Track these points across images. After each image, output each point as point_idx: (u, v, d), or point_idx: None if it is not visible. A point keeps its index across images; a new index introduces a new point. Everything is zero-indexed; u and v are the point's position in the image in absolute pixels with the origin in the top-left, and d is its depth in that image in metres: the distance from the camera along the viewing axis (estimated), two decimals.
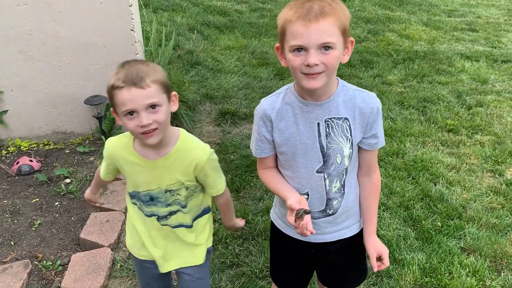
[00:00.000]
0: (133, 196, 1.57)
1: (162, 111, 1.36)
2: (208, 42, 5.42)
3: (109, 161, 1.58)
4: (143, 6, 5.14)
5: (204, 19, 6.07)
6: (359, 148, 1.48)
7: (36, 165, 3.17)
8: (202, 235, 1.66)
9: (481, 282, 2.36)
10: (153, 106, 1.34)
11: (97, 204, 1.93)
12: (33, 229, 2.64)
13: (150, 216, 1.57)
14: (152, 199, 1.53)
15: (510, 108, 4.29)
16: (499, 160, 3.44)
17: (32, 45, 3.23)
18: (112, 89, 1.33)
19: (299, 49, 1.27)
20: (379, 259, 1.54)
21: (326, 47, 1.25)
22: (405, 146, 3.58)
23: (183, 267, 1.65)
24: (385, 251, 1.54)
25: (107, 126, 3.42)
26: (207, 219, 1.68)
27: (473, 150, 3.57)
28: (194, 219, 1.62)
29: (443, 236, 2.67)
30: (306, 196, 1.47)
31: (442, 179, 3.20)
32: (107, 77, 3.50)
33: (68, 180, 3.06)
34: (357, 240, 1.63)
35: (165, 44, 3.96)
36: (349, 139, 1.42)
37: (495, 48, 5.87)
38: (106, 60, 3.33)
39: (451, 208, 2.90)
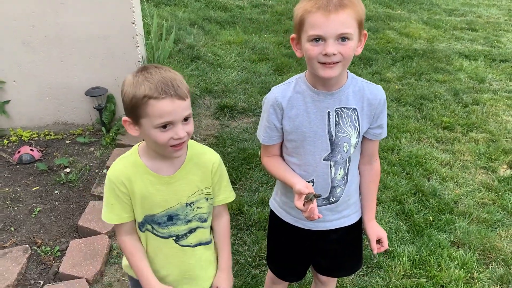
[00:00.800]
0: (143, 223, 1.43)
1: (192, 122, 1.32)
2: (209, 37, 5.46)
3: (122, 192, 1.38)
4: (144, 0, 5.20)
5: (206, 14, 6.11)
6: (363, 138, 1.55)
7: (36, 154, 3.23)
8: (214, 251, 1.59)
9: (469, 274, 2.42)
10: (187, 117, 1.28)
11: None
12: (33, 216, 2.70)
13: (167, 237, 1.45)
14: (171, 219, 1.43)
15: (506, 107, 4.34)
16: (493, 157, 3.50)
17: (35, 36, 3.28)
18: (146, 98, 1.22)
19: (317, 39, 1.31)
20: (379, 242, 1.63)
21: (344, 37, 1.31)
22: (400, 142, 3.63)
23: None
24: (384, 235, 1.63)
25: (107, 118, 3.48)
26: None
27: (467, 147, 3.62)
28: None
29: (434, 230, 2.73)
30: (312, 184, 1.52)
31: (435, 174, 3.25)
32: (108, 69, 3.54)
33: (68, 170, 3.12)
34: (355, 229, 1.70)
35: (166, 38, 4.01)
36: (357, 129, 1.48)
37: (494, 47, 5.90)
38: (107, 52, 3.39)
39: (443, 203, 2.95)
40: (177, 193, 1.42)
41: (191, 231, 1.48)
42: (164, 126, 1.26)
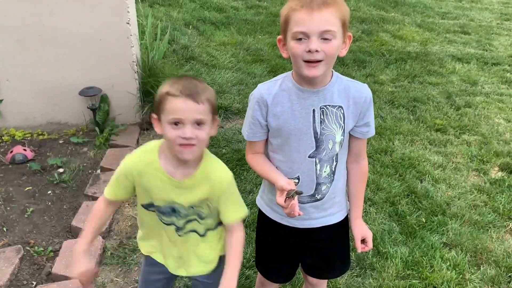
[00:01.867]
0: (149, 205, 1.53)
1: (205, 130, 1.37)
2: (204, 38, 5.46)
3: (127, 178, 1.48)
4: (139, 0, 5.18)
5: (200, 14, 6.11)
6: (351, 137, 1.56)
7: (29, 154, 3.22)
8: (215, 251, 1.62)
9: (461, 275, 2.44)
10: (199, 122, 1.35)
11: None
12: (26, 216, 2.69)
13: (169, 224, 1.54)
14: (174, 211, 1.51)
15: (498, 109, 4.38)
16: (485, 159, 3.53)
17: (29, 35, 3.26)
18: (166, 95, 1.34)
19: (301, 37, 1.35)
20: (363, 241, 1.64)
21: (327, 36, 1.34)
22: (393, 144, 3.65)
23: (195, 275, 1.65)
24: (369, 234, 1.64)
25: (101, 118, 3.47)
26: (220, 231, 1.61)
27: (459, 150, 3.66)
28: (207, 230, 1.58)
29: (427, 231, 2.75)
30: (297, 180, 1.54)
31: (428, 176, 3.28)
32: (102, 69, 3.53)
33: (61, 170, 3.11)
34: (342, 228, 1.71)
35: (160, 38, 4.01)
36: (342, 127, 1.50)
37: (486, 51, 5.96)
38: (102, 52, 3.38)
39: (436, 205, 2.98)
40: (182, 196, 1.47)
41: (188, 221, 1.54)
42: (176, 123, 1.34)
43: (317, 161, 1.52)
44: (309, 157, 1.51)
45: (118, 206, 1.57)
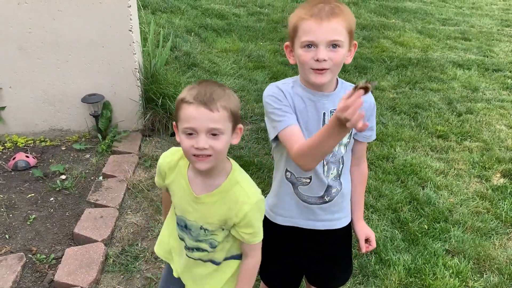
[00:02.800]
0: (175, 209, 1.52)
1: (222, 140, 1.28)
2: (205, 45, 5.48)
3: (160, 172, 1.49)
4: (141, 8, 5.21)
5: (202, 21, 6.14)
6: (354, 141, 1.59)
7: (32, 161, 3.22)
8: (221, 279, 1.53)
9: (464, 283, 2.43)
10: (214, 132, 1.26)
11: None
12: (28, 223, 2.69)
13: (181, 239, 1.51)
14: (186, 227, 1.46)
15: (499, 116, 4.39)
16: (486, 166, 3.53)
17: (31, 42, 3.28)
18: (181, 102, 1.28)
19: (310, 45, 1.37)
20: (366, 241, 1.68)
21: (334, 44, 1.37)
22: (395, 151, 3.66)
23: None
24: (372, 234, 1.69)
25: (103, 125, 3.48)
26: (237, 264, 1.52)
27: (461, 156, 3.66)
28: (224, 259, 1.51)
29: (429, 238, 2.74)
30: (309, 180, 1.55)
31: (430, 183, 3.27)
32: (104, 76, 3.55)
33: (63, 177, 3.11)
34: (347, 234, 1.72)
35: (162, 45, 4.02)
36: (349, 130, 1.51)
37: (487, 57, 5.97)
38: (104, 59, 3.39)
39: (438, 212, 2.97)
40: (197, 212, 1.40)
41: (199, 249, 1.46)
42: (190, 133, 1.27)
43: (325, 162, 1.54)
44: None
45: None
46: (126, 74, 3.44)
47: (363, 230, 1.70)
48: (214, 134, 1.26)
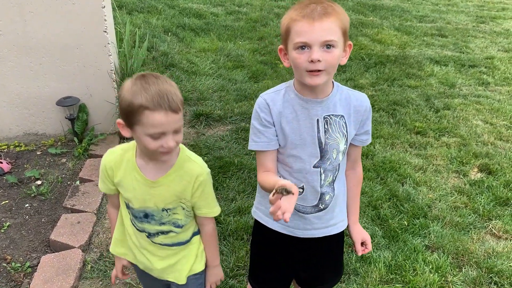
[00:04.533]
0: (127, 206, 1.54)
1: (182, 132, 1.38)
2: (183, 44, 5.43)
3: (107, 172, 1.50)
4: (117, 8, 5.14)
5: (180, 21, 6.08)
6: (349, 145, 1.57)
7: (6, 166, 3.14)
8: (187, 260, 1.62)
9: (443, 278, 2.46)
10: (178, 130, 1.35)
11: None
12: (2, 231, 2.61)
13: (141, 231, 1.56)
14: (146, 216, 1.51)
15: (476, 111, 4.46)
16: (464, 161, 3.58)
17: (3, 45, 3.19)
18: (141, 108, 1.28)
19: (303, 46, 1.35)
20: (362, 244, 1.68)
21: (328, 45, 1.34)
22: (374, 148, 3.68)
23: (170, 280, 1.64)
24: (368, 238, 1.68)
25: (79, 128, 3.41)
26: (197, 241, 1.64)
27: (439, 152, 3.70)
28: (192, 236, 1.61)
29: (409, 235, 2.76)
30: (301, 190, 1.53)
31: (409, 179, 3.30)
32: (80, 78, 3.47)
33: (39, 182, 3.04)
34: (339, 239, 1.72)
35: (139, 46, 3.97)
36: (345, 135, 1.51)
37: (463, 53, 6.06)
38: (79, 62, 3.33)
39: (417, 208, 3.00)
40: (155, 197, 1.47)
41: (163, 232, 1.54)
42: (156, 136, 1.33)
43: (322, 170, 1.51)
44: (313, 167, 1.51)
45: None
46: (102, 76, 3.38)
47: (359, 234, 1.68)
48: (176, 132, 1.35)
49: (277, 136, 1.50)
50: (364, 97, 1.55)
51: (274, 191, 1.27)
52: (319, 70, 1.36)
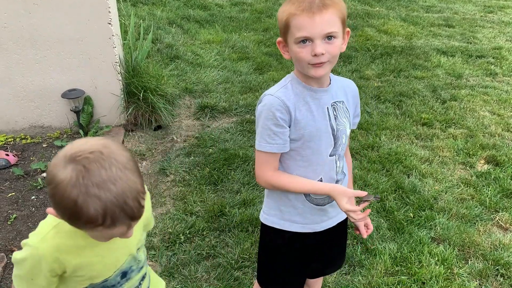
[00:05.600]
0: None
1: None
2: (188, 36, 5.41)
3: (54, 268, 1.13)
4: (121, 0, 5.12)
5: (184, 13, 6.05)
6: None
7: (12, 159, 3.15)
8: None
9: (449, 270, 2.45)
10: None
11: None
12: (9, 223, 2.63)
13: None
14: (124, 275, 1.26)
15: (483, 102, 4.41)
16: (471, 152, 3.55)
17: (7, 38, 3.19)
18: (92, 225, 1.02)
19: (304, 40, 1.34)
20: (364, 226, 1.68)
21: (330, 36, 1.34)
22: (380, 140, 3.66)
23: None
24: (368, 219, 1.66)
25: (84, 120, 3.42)
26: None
27: (446, 143, 3.67)
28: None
29: (414, 227, 2.75)
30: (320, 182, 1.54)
31: (415, 171, 3.28)
32: (85, 71, 3.48)
33: (45, 174, 3.05)
34: (345, 224, 1.74)
35: (143, 38, 3.96)
36: (348, 120, 1.55)
37: (471, 43, 5.99)
38: (83, 54, 3.32)
39: (423, 200, 2.98)
40: (126, 245, 1.23)
41: (143, 277, 1.34)
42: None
43: (337, 158, 1.53)
44: (330, 155, 1.51)
45: None
46: (107, 68, 3.38)
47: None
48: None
49: (289, 136, 1.46)
50: (353, 82, 1.62)
51: (361, 201, 1.43)
52: (323, 62, 1.36)
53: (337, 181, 1.55)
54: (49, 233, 1.12)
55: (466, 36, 6.25)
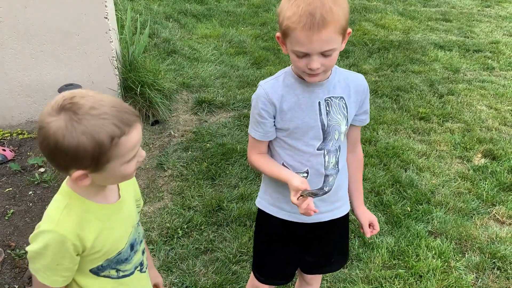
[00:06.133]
0: (105, 267, 1.23)
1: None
2: (185, 31, 5.39)
3: (77, 245, 1.14)
4: None
5: (181, 7, 6.03)
6: (349, 126, 1.57)
7: (9, 154, 3.14)
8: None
9: (446, 263, 2.46)
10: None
11: None
12: (6, 218, 2.63)
13: (133, 271, 1.30)
14: (132, 248, 1.28)
15: (480, 96, 4.42)
16: (468, 146, 3.56)
17: (3, 32, 3.17)
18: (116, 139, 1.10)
19: (302, 54, 1.34)
20: (370, 226, 1.69)
21: (328, 52, 1.33)
22: (377, 134, 3.66)
23: None
24: (375, 219, 1.69)
25: None
26: None
27: (443, 137, 3.68)
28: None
29: (412, 220, 2.76)
30: (306, 174, 1.53)
31: (412, 165, 3.29)
32: (81, 66, 3.46)
33: (42, 169, 3.04)
34: (345, 222, 1.73)
35: (140, 32, 3.94)
36: (345, 116, 1.51)
37: (468, 38, 5.99)
38: (80, 48, 3.31)
39: (420, 193, 2.99)
40: (130, 216, 1.28)
41: (143, 252, 1.35)
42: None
43: (325, 152, 1.52)
44: (317, 149, 1.51)
45: None
46: (103, 62, 3.37)
47: (365, 216, 1.69)
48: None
49: (275, 125, 1.51)
50: (362, 77, 1.56)
51: (298, 195, 1.39)
52: (317, 73, 1.37)
53: (326, 176, 1.54)
54: (62, 214, 1.13)
55: (463, 30, 6.25)
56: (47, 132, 1.03)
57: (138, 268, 1.32)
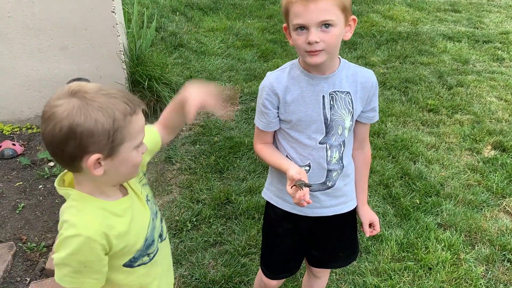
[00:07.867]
0: (137, 258, 1.24)
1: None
2: (192, 24, 5.38)
3: (104, 244, 1.13)
4: None
5: (188, 0, 6.01)
6: (356, 122, 1.56)
7: (19, 148, 3.17)
8: None
9: (456, 256, 2.45)
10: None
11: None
12: (17, 212, 2.65)
13: (158, 248, 1.31)
14: (154, 228, 1.30)
15: (490, 87, 4.37)
16: (477, 138, 3.52)
17: (12, 27, 3.19)
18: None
19: (301, 27, 1.34)
20: (370, 226, 1.68)
21: (326, 24, 1.33)
22: (386, 126, 3.64)
23: None
24: (376, 219, 1.68)
25: None
26: None
27: (452, 129, 3.65)
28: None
29: (421, 213, 2.75)
30: (308, 168, 1.53)
31: (421, 157, 3.27)
32: (89, 60, 3.47)
33: (51, 164, 3.07)
34: (352, 217, 1.71)
35: (147, 26, 3.94)
36: (351, 112, 1.50)
37: (477, 28, 5.92)
38: (87, 42, 3.32)
39: (429, 186, 2.98)
40: (141, 201, 1.28)
41: (161, 219, 1.37)
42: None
43: (328, 147, 1.51)
44: (319, 143, 1.51)
45: None
46: (111, 57, 3.37)
47: (367, 215, 1.68)
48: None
49: (278, 117, 1.52)
50: (371, 74, 1.54)
51: (292, 185, 1.37)
52: (317, 50, 1.35)
53: (329, 171, 1.54)
54: (80, 217, 1.12)
55: (472, 21, 6.17)
56: (60, 115, 1.01)
57: (159, 240, 1.31)
